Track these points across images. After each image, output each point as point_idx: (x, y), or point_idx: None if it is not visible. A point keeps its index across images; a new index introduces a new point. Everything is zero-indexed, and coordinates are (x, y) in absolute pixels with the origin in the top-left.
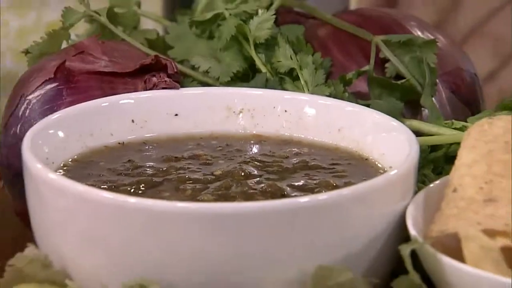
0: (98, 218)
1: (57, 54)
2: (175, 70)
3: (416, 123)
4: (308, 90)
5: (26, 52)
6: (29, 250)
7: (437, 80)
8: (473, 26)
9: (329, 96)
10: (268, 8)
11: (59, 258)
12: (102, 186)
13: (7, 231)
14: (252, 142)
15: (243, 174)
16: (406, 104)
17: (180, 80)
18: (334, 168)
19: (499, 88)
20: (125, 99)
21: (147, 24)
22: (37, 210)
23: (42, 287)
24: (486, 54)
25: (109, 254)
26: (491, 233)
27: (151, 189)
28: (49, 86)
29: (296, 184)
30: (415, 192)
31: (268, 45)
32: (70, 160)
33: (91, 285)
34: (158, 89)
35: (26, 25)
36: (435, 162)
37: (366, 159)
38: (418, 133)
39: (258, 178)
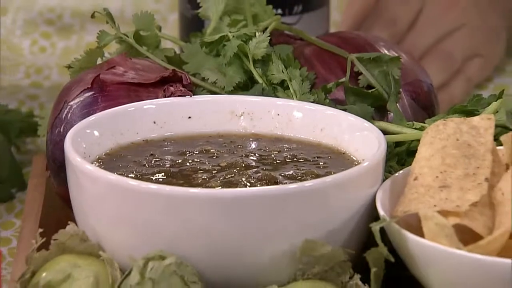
0: (125, 202)
1: (93, 69)
2: (189, 81)
3: (383, 124)
4: (296, 97)
5: (69, 67)
6: (70, 227)
7: (400, 89)
8: (428, 46)
9: (313, 102)
10: (264, 31)
11: (94, 234)
12: (129, 175)
13: (52, 212)
14: (251, 139)
15: (243, 165)
16: (376, 109)
17: (192, 89)
18: (317, 160)
19: (450, 96)
20: (148, 105)
21: (166, 44)
22: (76, 195)
23: (80, 257)
24: (439, 69)
25: (134, 231)
26: (445, 213)
27: (169, 177)
28: (86, 94)
29: (287, 173)
30: (383, 180)
31: (264, 61)
32: (103, 154)
33: (119, 256)
34: (175, 96)
35: (69, 45)
36: (399, 155)
37: (343, 153)
38: (385, 132)
39: (255, 169)
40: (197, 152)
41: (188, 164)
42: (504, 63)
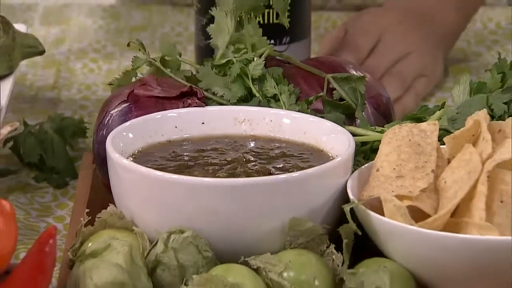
0: (152, 188)
1: (129, 85)
2: (202, 95)
3: (352, 128)
4: (285, 107)
5: (110, 84)
6: (110, 208)
7: (365, 101)
8: (385, 68)
9: (298, 111)
10: (260, 56)
11: (129, 213)
12: (156, 168)
13: (97, 196)
14: (250, 140)
15: (244, 160)
16: (346, 116)
17: (205, 101)
18: (301, 156)
19: (402, 107)
20: (171, 113)
21: (185, 67)
22: (115, 183)
23: (118, 231)
24: (394, 86)
25: (160, 211)
26: (400, 197)
27: (187, 169)
28: (123, 105)
29: (278, 166)
30: (353, 171)
31: (260, 80)
32: (136, 151)
33: (148, 230)
34: (192, 107)
35: (111, 68)
36: (364, 152)
37: (321, 151)
38: (353, 134)
39: (254, 163)
40: (208, 150)
41: (201, 159)
42: (443, 81)
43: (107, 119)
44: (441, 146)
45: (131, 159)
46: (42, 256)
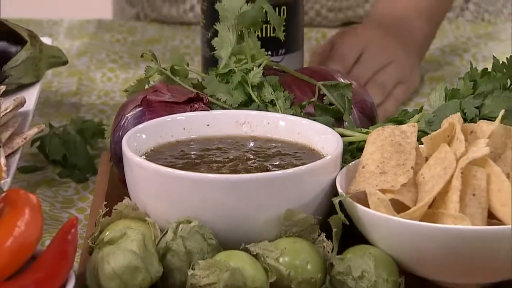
0: (163, 183)
1: (142, 92)
2: (207, 100)
3: (341, 130)
4: (281, 111)
5: (126, 91)
6: (126, 200)
7: (352, 106)
8: (368, 76)
9: (293, 114)
10: (258, 66)
11: (142, 205)
12: (166, 165)
13: (114, 190)
14: (250, 140)
15: (245, 158)
16: (335, 119)
17: (210, 106)
18: (295, 154)
19: (384, 111)
20: (180, 116)
21: (192, 75)
22: (130, 178)
23: (132, 221)
24: (377, 92)
25: (169, 203)
26: (383, 191)
27: (194, 166)
28: (137, 109)
29: (275, 163)
30: (341, 168)
31: (259, 87)
32: (148, 150)
33: (159, 221)
34: (198, 111)
35: (127, 77)
36: (352, 151)
37: (313, 150)
38: (342, 135)
39: (253, 161)
40: (213, 149)
41: (207, 157)
42: (420, 88)
43: (123, 121)
44: (419, 146)
45: (144, 157)
46: (65, 243)
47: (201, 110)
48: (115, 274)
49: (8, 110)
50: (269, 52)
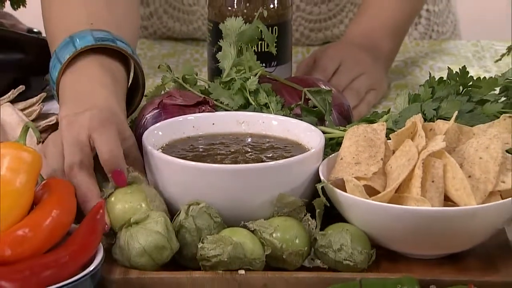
0: (175, 172)
1: (159, 96)
2: (213, 104)
3: (323, 128)
4: (274, 113)
5: (146, 96)
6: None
7: (332, 108)
8: (345, 84)
9: (283, 115)
10: (255, 75)
11: (159, 189)
12: (179, 157)
13: None
14: (248, 136)
15: (244, 151)
16: (318, 119)
17: (215, 108)
18: (286, 148)
19: (358, 113)
20: (190, 117)
21: (200, 83)
22: (149, 168)
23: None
24: (352, 98)
25: (180, 188)
26: (358, 178)
27: (201, 158)
28: (155, 111)
29: (268, 156)
30: (323, 159)
31: (255, 92)
32: (164, 145)
33: (173, 202)
34: (205, 112)
35: (147, 84)
36: (332, 145)
37: (300, 144)
38: (324, 132)
39: (250, 153)
40: (217, 144)
41: (212, 150)
42: (388, 93)
43: (143, 121)
44: (387, 141)
45: (160, 150)
46: (94, 222)
47: (207, 112)
48: (145, 252)
49: (51, 123)
50: (264, 64)
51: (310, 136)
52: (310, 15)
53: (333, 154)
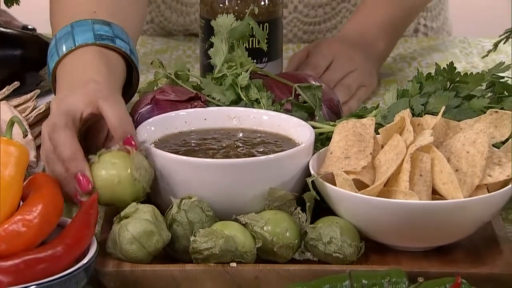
0: (167, 166)
1: (152, 92)
2: (205, 99)
3: (313, 123)
4: (264, 108)
5: (139, 91)
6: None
7: (322, 104)
8: (336, 80)
9: (274, 110)
10: (246, 71)
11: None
12: (171, 152)
13: None
14: (239, 131)
15: (235, 146)
16: (308, 114)
17: (207, 104)
18: (276, 143)
19: (349, 108)
20: (182, 112)
21: (192, 79)
22: None
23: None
24: (343, 93)
25: (172, 182)
26: (347, 173)
27: (193, 153)
28: (147, 107)
29: (260, 150)
30: (313, 153)
31: (247, 88)
32: (156, 140)
33: (166, 196)
34: (197, 107)
35: (140, 80)
36: (322, 140)
37: (290, 139)
38: (313, 127)
39: (242, 148)
40: (209, 139)
41: (204, 145)
42: (377, 89)
43: (136, 116)
44: (376, 136)
45: (153, 145)
46: (87, 215)
47: (199, 107)
48: (134, 239)
49: (41, 111)
50: (255, 60)
51: (300, 131)
52: (306, 18)
53: (323, 149)
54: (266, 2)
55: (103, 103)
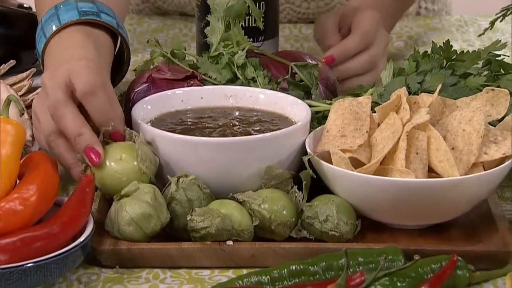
0: (164, 145)
1: (148, 71)
2: (201, 78)
3: (309, 101)
4: (261, 87)
5: (135, 70)
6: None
7: (318, 82)
8: (381, 55)
9: (270, 89)
10: (242, 50)
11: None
12: (167, 130)
13: None
14: (235, 110)
15: (231, 124)
16: (305, 93)
17: (203, 82)
18: (273, 121)
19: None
20: (178, 91)
21: (189, 57)
22: None
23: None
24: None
25: (168, 160)
26: (344, 151)
27: (190, 131)
28: (144, 85)
29: (256, 129)
30: (310, 132)
31: (243, 66)
32: (153, 118)
33: (163, 175)
34: (193, 86)
35: (136, 59)
36: (318, 119)
37: (287, 117)
38: (310, 106)
39: (238, 126)
40: (205, 117)
41: (200, 124)
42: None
43: (132, 95)
44: (373, 114)
45: (149, 124)
46: (84, 194)
47: (196, 86)
48: (132, 220)
49: (36, 92)
50: (251, 39)
51: (296, 109)
52: (298, 8)
53: (319, 127)
54: None
55: (83, 97)
